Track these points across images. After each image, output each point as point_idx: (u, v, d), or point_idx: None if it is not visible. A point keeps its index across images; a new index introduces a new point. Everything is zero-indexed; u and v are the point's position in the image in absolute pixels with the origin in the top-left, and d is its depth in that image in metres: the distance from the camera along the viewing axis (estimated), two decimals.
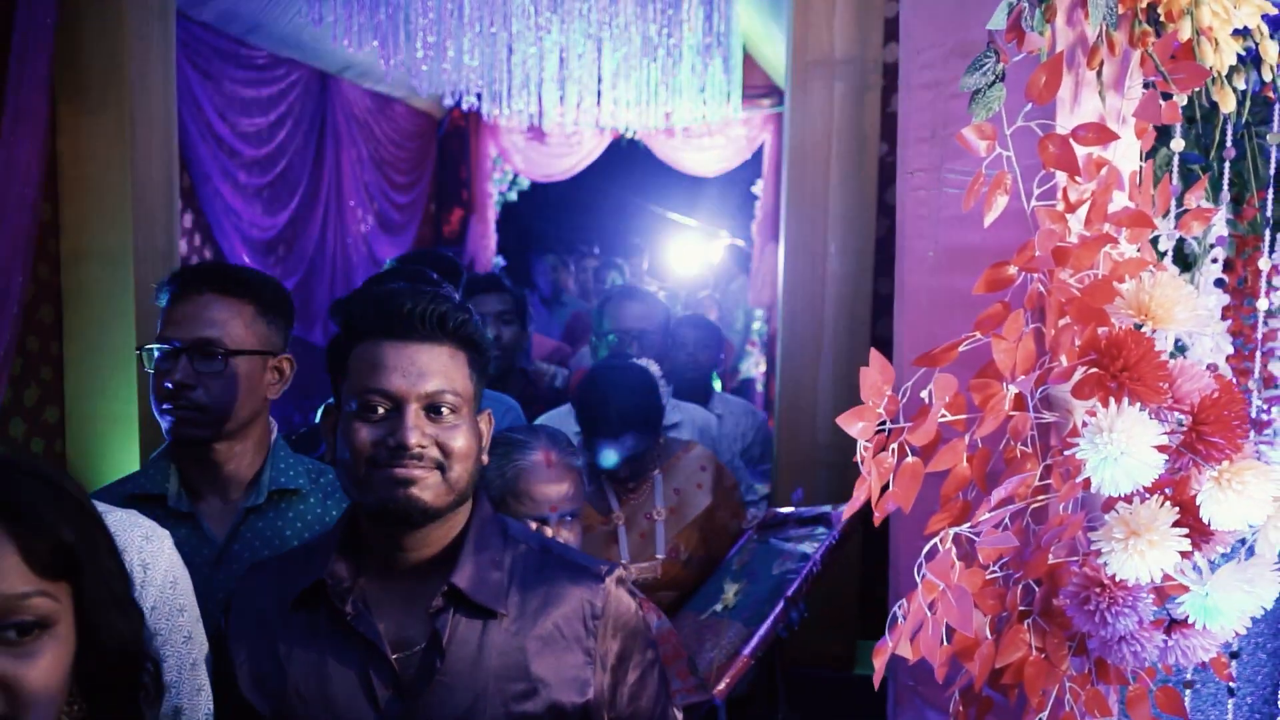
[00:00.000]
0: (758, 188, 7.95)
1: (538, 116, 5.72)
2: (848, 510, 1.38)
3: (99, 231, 3.43)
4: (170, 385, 1.71)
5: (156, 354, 1.74)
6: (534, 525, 1.82)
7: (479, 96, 5.77)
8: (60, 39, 3.30)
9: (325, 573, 1.38)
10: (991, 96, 1.38)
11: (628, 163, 8.71)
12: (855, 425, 1.31)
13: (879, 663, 1.40)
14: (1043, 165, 1.45)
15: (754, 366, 7.93)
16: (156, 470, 1.78)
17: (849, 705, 3.03)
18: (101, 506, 1.32)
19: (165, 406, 1.73)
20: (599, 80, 5.53)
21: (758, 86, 6.85)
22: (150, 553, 1.36)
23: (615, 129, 7.21)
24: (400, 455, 1.32)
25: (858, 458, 1.35)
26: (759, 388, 7.88)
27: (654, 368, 2.63)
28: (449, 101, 6.06)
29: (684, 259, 9.24)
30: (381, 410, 1.34)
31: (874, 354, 1.34)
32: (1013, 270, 1.46)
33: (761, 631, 2.20)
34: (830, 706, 3.19)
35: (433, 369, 1.35)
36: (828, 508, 2.52)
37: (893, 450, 1.36)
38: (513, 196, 8.76)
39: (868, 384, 1.32)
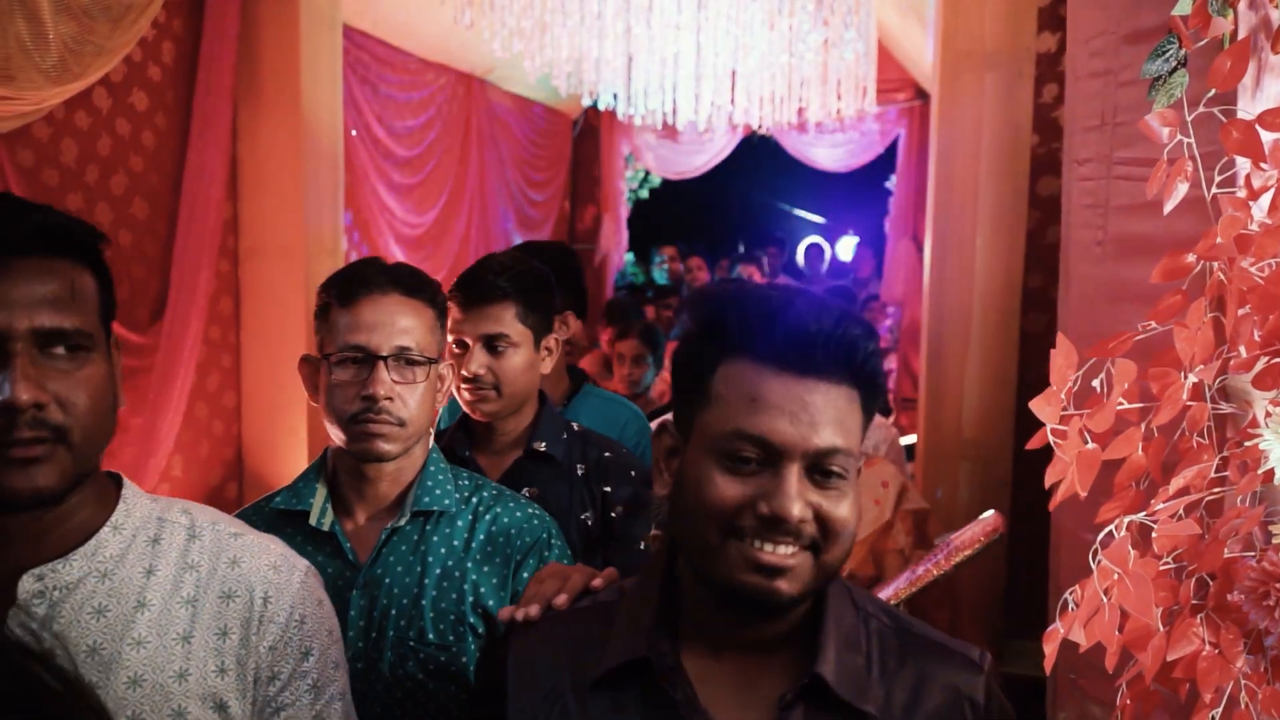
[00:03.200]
0: (890, 183, 7.86)
1: (673, 115, 5.79)
2: (1054, 500, 1.37)
3: (273, 228, 3.67)
4: (369, 396, 1.55)
5: (339, 361, 1.59)
6: None
7: (615, 96, 5.89)
8: (240, 49, 3.55)
9: (649, 648, 1.07)
10: (1174, 83, 1.37)
11: (758, 159, 8.72)
12: (1045, 409, 1.32)
13: (1049, 648, 1.40)
14: (1225, 151, 1.43)
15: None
16: (304, 484, 1.64)
17: None
18: (237, 528, 1.21)
19: (360, 419, 1.57)
20: (733, 77, 5.56)
21: (893, 80, 6.78)
22: (276, 585, 1.17)
23: (747, 125, 7.23)
24: (774, 529, 1.00)
25: (1049, 440, 1.35)
26: (889, 384, 7.77)
27: None
28: (586, 101, 6.20)
29: (814, 256, 9.20)
30: (754, 462, 1.01)
31: (1061, 338, 1.35)
32: (1191, 258, 1.44)
33: None
34: None
35: (826, 416, 1.01)
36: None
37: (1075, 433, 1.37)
38: (644, 194, 8.88)
39: (1056, 368, 1.33)
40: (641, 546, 2.04)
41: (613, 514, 2.09)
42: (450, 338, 2.23)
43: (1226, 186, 1.47)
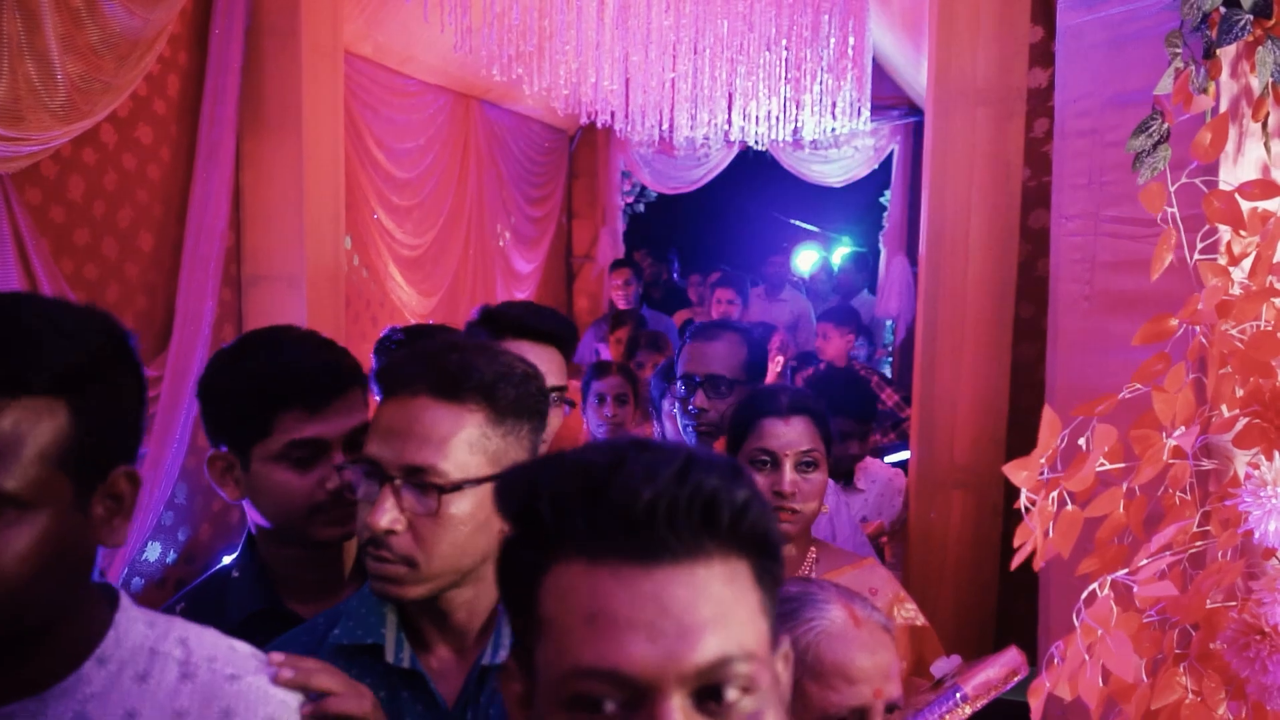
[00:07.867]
0: (885, 197, 7.93)
1: (669, 134, 5.86)
2: (1015, 560, 1.43)
3: (275, 255, 3.71)
4: (372, 530, 1.22)
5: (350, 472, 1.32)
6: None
7: (612, 114, 5.94)
8: (243, 81, 3.60)
9: None
10: (1158, 157, 1.42)
11: (753, 173, 8.79)
12: (1020, 474, 1.38)
13: (1035, 702, 1.45)
14: (1207, 220, 1.48)
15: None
16: (369, 610, 1.32)
17: None
18: (235, 667, 1.07)
19: (367, 551, 1.26)
20: (729, 99, 5.62)
21: (887, 97, 6.85)
22: None
23: (743, 142, 7.29)
24: None
25: (1021, 505, 1.41)
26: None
27: None
28: (584, 120, 6.26)
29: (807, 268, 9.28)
30: (617, 705, 0.71)
31: (1047, 410, 1.40)
32: (1174, 322, 1.50)
33: None
34: None
35: (701, 615, 0.70)
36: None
37: (1052, 499, 1.42)
38: (640, 208, 8.94)
39: (1042, 438, 1.38)
40: None
41: None
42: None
43: (1208, 251, 1.53)
